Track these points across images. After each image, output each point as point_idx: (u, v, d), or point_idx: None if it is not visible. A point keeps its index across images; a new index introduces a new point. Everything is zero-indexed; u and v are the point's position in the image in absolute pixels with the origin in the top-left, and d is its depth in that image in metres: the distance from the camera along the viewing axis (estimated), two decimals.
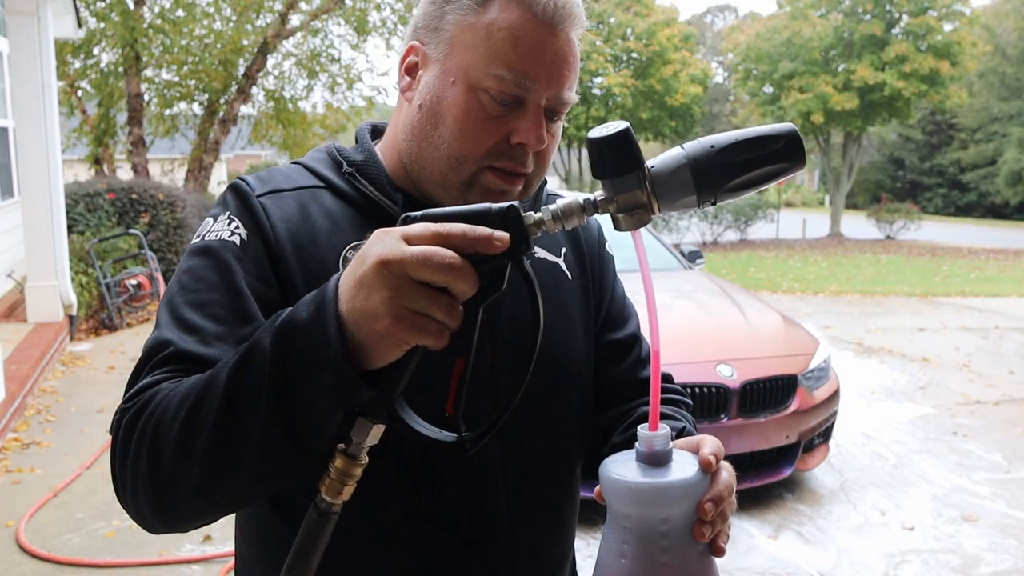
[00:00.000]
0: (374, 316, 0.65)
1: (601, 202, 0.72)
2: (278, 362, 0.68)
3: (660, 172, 0.71)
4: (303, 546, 0.72)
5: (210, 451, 0.71)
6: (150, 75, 14.35)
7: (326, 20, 14.88)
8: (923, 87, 21.03)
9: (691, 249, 6.16)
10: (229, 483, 0.73)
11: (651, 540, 0.73)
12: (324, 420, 0.69)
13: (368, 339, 0.66)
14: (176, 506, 0.76)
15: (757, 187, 0.74)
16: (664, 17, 23.52)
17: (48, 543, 3.54)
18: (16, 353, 5.90)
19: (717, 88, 47.42)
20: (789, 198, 38.18)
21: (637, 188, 0.71)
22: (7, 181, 7.69)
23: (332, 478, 0.71)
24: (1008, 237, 23.75)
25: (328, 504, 0.72)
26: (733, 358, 4.03)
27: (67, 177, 9.20)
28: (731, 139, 0.72)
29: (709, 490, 0.75)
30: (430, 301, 0.65)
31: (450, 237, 0.66)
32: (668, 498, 0.73)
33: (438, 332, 0.66)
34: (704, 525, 0.74)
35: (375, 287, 0.65)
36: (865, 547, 3.73)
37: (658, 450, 0.74)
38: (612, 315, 1.11)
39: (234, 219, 0.91)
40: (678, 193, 0.71)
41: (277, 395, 0.68)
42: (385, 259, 0.64)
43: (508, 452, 0.97)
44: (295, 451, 0.70)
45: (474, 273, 0.66)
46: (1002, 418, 5.69)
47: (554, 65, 0.89)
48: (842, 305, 10.80)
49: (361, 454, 0.72)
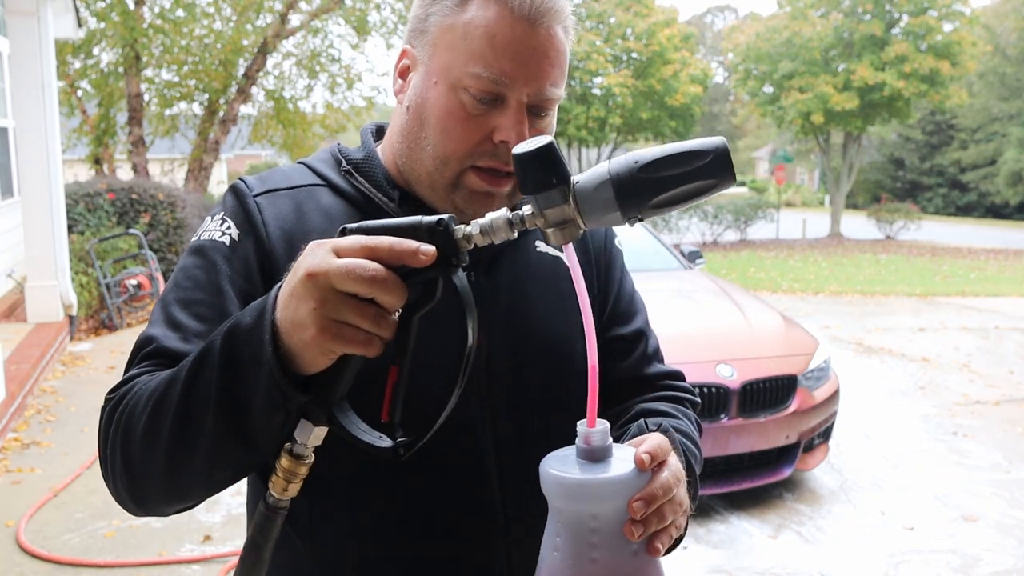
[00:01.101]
0: (301, 326, 0.67)
1: (528, 217, 0.71)
2: (223, 365, 0.72)
3: (584, 188, 0.70)
4: (255, 539, 0.75)
5: (171, 441, 0.76)
6: (150, 75, 14.35)
7: (326, 20, 14.88)
8: (923, 87, 21.02)
9: (691, 249, 6.16)
10: (189, 472, 0.78)
11: (581, 535, 0.73)
12: (265, 421, 0.72)
13: (297, 347, 0.68)
14: (147, 490, 0.81)
15: (684, 204, 0.71)
16: (664, 17, 23.48)
17: (48, 543, 3.54)
18: (16, 353, 5.90)
19: (717, 88, 47.45)
20: (789, 198, 38.19)
21: (563, 203, 0.69)
22: (7, 181, 7.68)
23: (278, 476, 0.74)
24: (1008, 237, 23.75)
25: (276, 500, 0.75)
26: (733, 358, 4.03)
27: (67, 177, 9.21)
28: (655, 155, 0.70)
29: (642, 489, 0.74)
30: (355, 312, 0.66)
31: (377, 250, 0.67)
32: (596, 495, 0.72)
33: (366, 341, 0.68)
34: (634, 524, 0.73)
35: (303, 298, 0.67)
36: (865, 547, 3.73)
37: (595, 446, 0.74)
38: (618, 310, 1.10)
39: (227, 220, 0.94)
40: (602, 210, 0.70)
41: (223, 395, 0.72)
42: (311, 271, 0.67)
43: (504, 449, 0.97)
44: (242, 447, 0.74)
45: (400, 285, 0.67)
46: (1002, 418, 5.69)
47: (532, 61, 0.89)
48: (842, 305, 10.80)
49: (306, 454, 0.74)
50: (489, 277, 1.00)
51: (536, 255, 1.04)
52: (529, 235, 1.04)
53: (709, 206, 19.60)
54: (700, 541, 3.74)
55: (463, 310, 0.72)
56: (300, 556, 0.97)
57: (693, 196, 0.71)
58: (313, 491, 0.94)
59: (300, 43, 15.19)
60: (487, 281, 0.99)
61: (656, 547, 0.74)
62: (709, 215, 19.45)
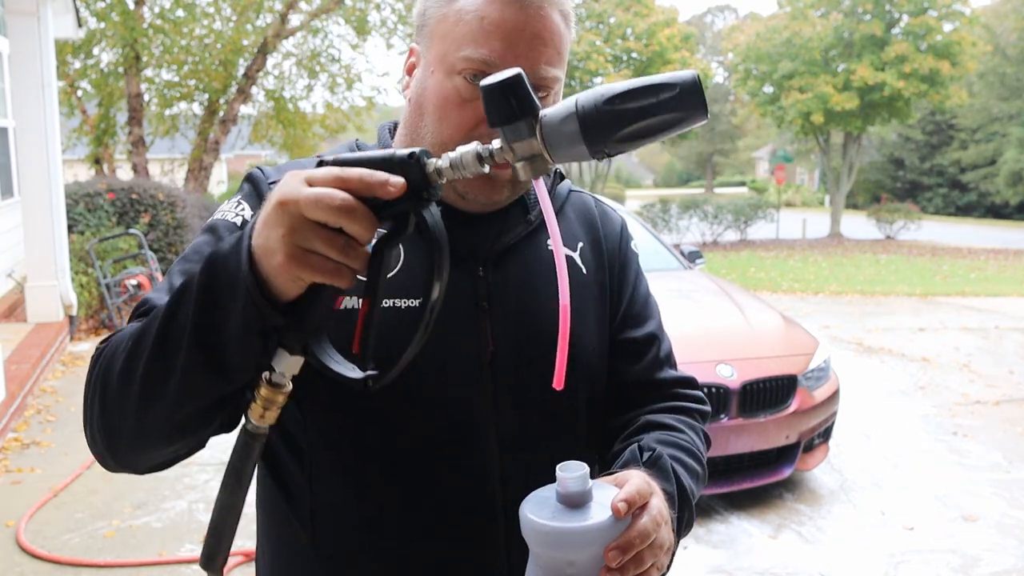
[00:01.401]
0: (271, 252, 0.68)
1: (497, 152, 0.70)
2: (202, 288, 0.73)
3: (550, 121, 0.68)
4: (235, 464, 0.77)
5: (146, 372, 0.76)
6: (150, 75, 14.36)
7: (326, 20, 14.89)
8: (923, 87, 21.01)
9: (691, 249, 6.16)
10: (159, 406, 0.77)
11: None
12: (239, 344, 0.72)
13: (269, 273, 0.69)
14: (119, 431, 0.81)
15: (651, 138, 0.69)
16: (664, 17, 23.47)
17: (48, 543, 3.54)
18: (16, 353, 5.90)
19: (717, 88, 47.42)
20: (789, 198, 38.17)
21: (531, 137, 0.68)
22: (7, 181, 7.68)
23: (257, 403, 0.75)
24: (1008, 237, 23.75)
25: (255, 426, 0.76)
26: (733, 358, 4.03)
27: (67, 177, 9.20)
28: (622, 87, 0.68)
29: (619, 537, 0.74)
30: (323, 241, 0.67)
31: (348, 181, 0.67)
32: (572, 543, 0.72)
33: (335, 271, 0.68)
34: (611, 573, 0.73)
35: (273, 225, 0.68)
36: (865, 547, 3.73)
37: (572, 492, 0.73)
38: (631, 313, 1.09)
39: (242, 203, 0.97)
40: (568, 143, 0.68)
41: (200, 319, 0.73)
42: (283, 199, 0.67)
43: (507, 447, 0.97)
44: (214, 374, 0.74)
45: (369, 216, 0.67)
46: (1002, 418, 5.69)
47: (522, 41, 0.89)
48: (842, 305, 10.80)
49: (284, 382, 0.75)
50: (498, 272, 0.99)
51: (548, 253, 1.03)
52: (542, 232, 1.04)
53: (709, 206, 19.58)
54: (700, 541, 3.74)
55: (430, 252, 0.72)
56: (304, 549, 0.98)
57: (660, 130, 0.68)
58: (317, 485, 0.96)
59: (300, 43, 15.20)
60: (496, 276, 0.99)
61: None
62: (709, 215, 19.44)
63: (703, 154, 54.95)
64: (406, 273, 0.95)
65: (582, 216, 1.10)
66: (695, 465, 1.00)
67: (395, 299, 0.94)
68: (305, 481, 0.97)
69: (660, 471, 0.91)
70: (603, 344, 1.06)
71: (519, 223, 1.03)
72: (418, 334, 0.73)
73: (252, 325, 0.71)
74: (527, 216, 1.04)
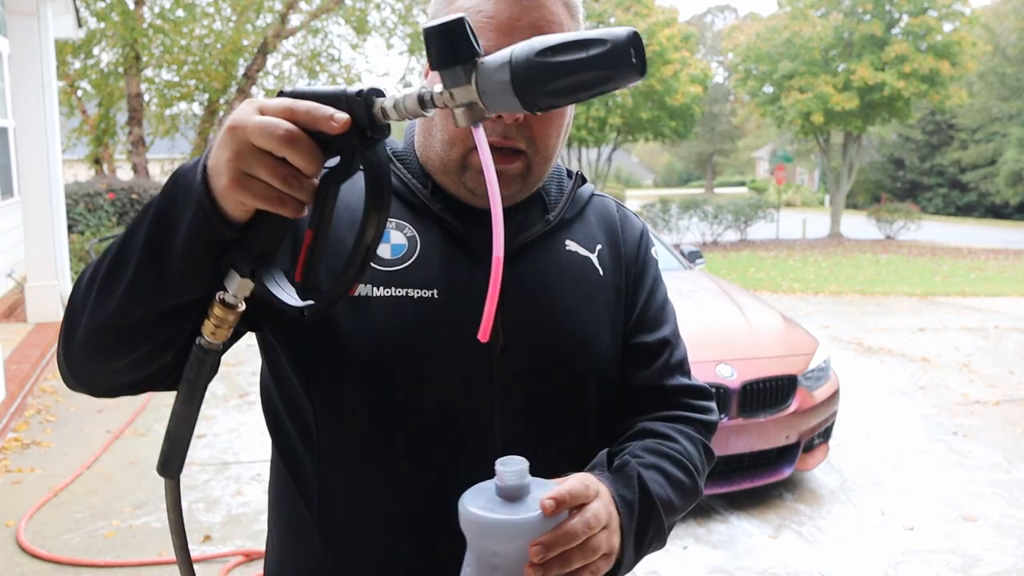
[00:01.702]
0: (218, 173, 0.71)
1: (437, 95, 0.70)
2: (161, 199, 0.77)
3: (485, 69, 0.68)
4: (187, 377, 0.80)
5: (103, 278, 0.80)
6: (150, 75, 14.37)
7: (326, 20, 14.89)
8: (923, 87, 21.00)
9: (691, 249, 6.16)
10: (108, 311, 0.80)
11: (484, 569, 0.74)
12: (183, 250, 0.74)
13: (217, 194, 0.71)
14: (74, 339, 0.84)
15: (581, 94, 0.67)
16: (664, 17, 23.45)
17: (48, 543, 3.54)
18: (16, 353, 5.90)
19: (717, 88, 47.42)
20: (789, 198, 38.17)
21: (467, 83, 0.68)
22: (7, 181, 7.69)
23: (209, 320, 0.78)
24: (1008, 237, 23.75)
25: (207, 342, 0.79)
26: (733, 358, 4.03)
27: (67, 177, 9.21)
28: (554, 40, 0.66)
29: (546, 533, 0.74)
30: (267, 169, 0.68)
31: (296, 112, 0.69)
32: (497, 534, 0.73)
33: (278, 200, 0.70)
34: (533, 567, 0.73)
35: (223, 148, 0.70)
36: (865, 547, 3.73)
37: (509, 485, 0.74)
38: (645, 318, 1.09)
39: None
40: (499, 93, 0.67)
41: (154, 225, 0.76)
42: (233, 124, 0.70)
43: (513, 444, 0.96)
44: (158, 279, 0.76)
45: (313, 149, 0.68)
46: (1002, 418, 5.69)
47: (518, 34, 0.89)
48: (842, 305, 10.80)
49: (235, 303, 0.77)
50: (513, 268, 1.00)
51: (567, 253, 1.04)
52: (560, 232, 1.05)
53: (709, 206, 19.58)
54: (700, 541, 3.74)
55: (370, 189, 0.72)
56: (309, 532, 0.99)
57: (590, 87, 0.66)
58: (324, 468, 0.98)
59: (300, 43, 15.21)
60: (511, 271, 0.99)
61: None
62: (709, 215, 19.44)
63: (703, 154, 54.95)
64: (420, 264, 0.97)
65: (602, 220, 1.11)
66: (680, 476, 0.99)
67: (408, 289, 0.95)
68: (313, 465, 0.98)
69: (624, 478, 0.90)
70: (616, 347, 1.06)
71: (538, 222, 1.04)
72: (349, 270, 0.74)
73: (199, 234, 0.73)
74: (546, 216, 1.05)
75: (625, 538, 0.86)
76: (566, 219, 1.07)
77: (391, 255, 0.97)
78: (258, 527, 3.73)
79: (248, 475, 4.35)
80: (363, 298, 0.94)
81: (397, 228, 0.99)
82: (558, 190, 1.08)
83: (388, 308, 0.94)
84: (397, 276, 0.96)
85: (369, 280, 0.95)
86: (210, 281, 0.77)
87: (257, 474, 4.36)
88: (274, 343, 0.99)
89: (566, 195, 1.07)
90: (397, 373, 0.94)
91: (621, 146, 27.26)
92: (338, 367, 0.95)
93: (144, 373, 0.86)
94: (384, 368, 0.94)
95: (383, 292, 0.95)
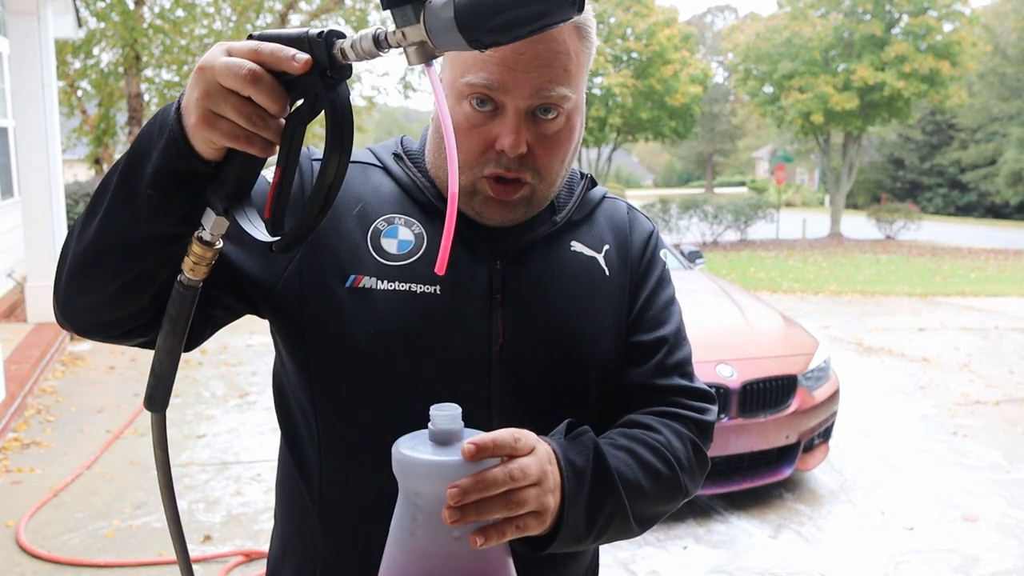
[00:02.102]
0: (189, 112, 0.73)
1: (391, 35, 0.71)
2: (142, 133, 0.80)
3: (432, 8, 0.69)
4: (169, 312, 0.84)
5: (86, 212, 0.84)
6: (150, 75, 14.36)
7: (326, 20, 14.89)
8: (923, 87, 21.01)
9: (691, 249, 6.16)
10: (86, 241, 0.83)
11: (407, 509, 0.76)
12: (153, 179, 0.77)
13: (189, 131, 0.74)
14: (61, 273, 0.87)
15: (519, 30, 0.68)
16: (664, 17, 23.46)
17: (48, 543, 3.54)
18: (16, 353, 5.90)
19: (717, 88, 47.41)
20: (789, 198, 38.18)
21: (416, 22, 0.69)
22: (7, 181, 7.69)
23: (189, 257, 0.81)
24: (1008, 237, 23.76)
25: (187, 278, 0.82)
26: (733, 358, 4.03)
27: (67, 177, 9.22)
28: None
29: (465, 478, 0.74)
30: (232, 108, 0.71)
31: (260, 53, 0.71)
32: (416, 474, 0.75)
33: (246, 138, 0.72)
34: (451, 510, 0.73)
35: (193, 87, 0.73)
36: (865, 547, 3.73)
37: (440, 429, 0.76)
38: (645, 317, 1.08)
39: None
40: (445, 30, 0.69)
41: (131, 158, 0.79)
42: (202, 64, 0.72)
43: None
44: (129, 207, 0.79)
45: (276, 88, 0.71)
46: (1002, 418, 5.69)
47: (521, 65, 0.90)
48: (842, 305, 10.80)
49: (212, 240, 0.80)
50: (516, 267, 1.00)
51: (572, 253, 1.05)
52: (566, 233, 1.06)
53: (709, 206, 19.59)
54: (700, 541, 3.74)
55: (330, 127, 0.74)
56: (311, 521, 1.02)
57: (527, 22, 0.68)
58: (325, 458, 1.00)
59: None
60: (513, 270, 1.00)
61: (473, 539, 0.74)
62: (709, 215, 19.44)
63: (703, 154, 54.97)
64: (425, 261, 0.98)
65: (611, 221, 1.11)
66: (655, 463, 0.96)
67: (411, 283, 0.96)
68: (315, 452, 1.00)
69: (578, 446, 0.89)
70: (619, 347, 1.06)
71: (545, 223, 1.04)
72: (311, 208, 0.75)
73: (169, 163, 0.75)
74: (553, 217, 1.05)
75: (569, 503, 0.84)
76: (573, 220, 1.07)
77: (398, 250, 0.98)
78: (258, 527, 3.73)
79: (248, 475, 4.35)
80: (366, 290, 0.96)
81: (405, 225, 1.00)
82: (567, 192, 1.09)
83: (390, 301, 0.96)
84: (402, 271, 0.97)
85: (374, 273, 0.96)
86: (182, 217, 0.79)
87: (257, 474, 4.36)
88: (275, 329, 1.01)
89: (575, 197, 1.08)
90: (396, 365, 0.96)
91: (621, 146, 27.27)
92: (337, 356, 0.97)
93: (123, 311, 0.88)
94: (383, 360, 0.95)
95: (386, 286, 0.96)
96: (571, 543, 0.87)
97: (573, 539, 0.87)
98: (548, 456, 0.84)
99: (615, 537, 0.95)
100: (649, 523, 0.98)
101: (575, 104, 0.95)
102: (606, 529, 0.91)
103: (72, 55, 13.73)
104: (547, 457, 0.83)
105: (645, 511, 0.95)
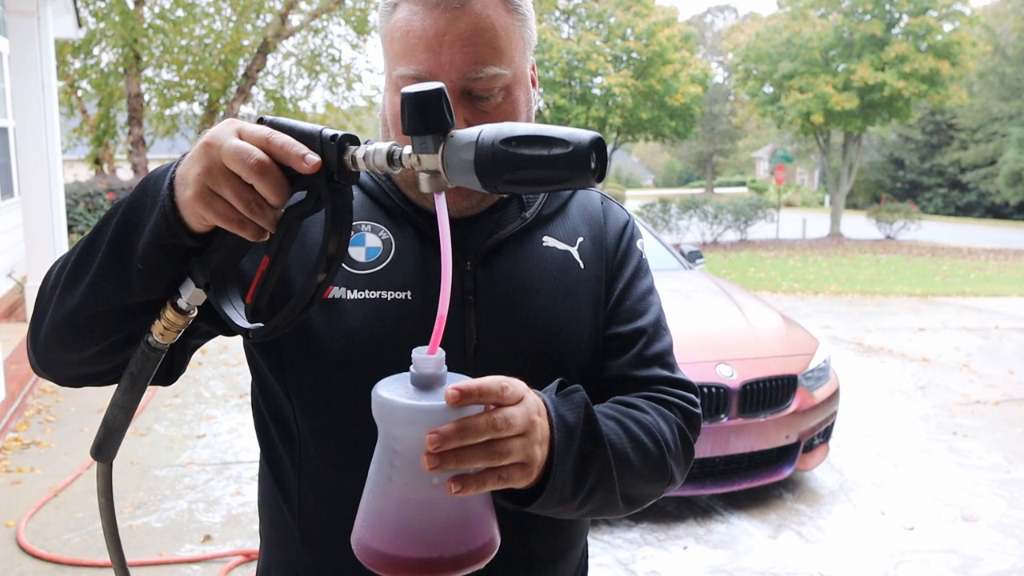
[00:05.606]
0: (186, 184, 0.73)
1: (406, 157, 0.71)
2: (132, 197, 0.80)
3: (453, 144, 0.69)
4: (131, 370, 0.83)
5: (69, 271, 0.82)
6: (150, 75, 14.37)
7: (326, 20, 14.89)
8: (923, 87, 21.01)
9: (691, 249, 6.16)
10: (70, 304, 0.82)
11: (387, 454, 0.75)
12: (145, 252, 0.76)
13: (180, 202, 0.74)
14: (40, 328, 0.86)
15: (535, 188, 0.68)
16: (664, 17, 23.45)
17: (48, 543, 3.54)
18: (16, 353, 5.90)
19: (717, 88, 47.40)
20: (789, 198, 38.17)
21: (435, 152, 0.69)
22: (7, 181, 7.69)
23: (160, 321, 0.81)
24: (1008, 237, 23.75)
25: (155, 341, 0.81)
26: (733, 358, 4.03)
27: (67, 177, 9.22)
28: (522, 130, 0.67)
29: (447, 424, 0.71)
30: (232, 191, 0.70)
31: (271, 144, 0.70)
32: (395, 418, 0.73)
33: (239, 222, 0.72)
34: (429, 456, 0.70)
35: (195, 161, 0.72)
36: (865, 547, 3.73)
37: (422, 372, 0.74)
38: (622, 308, 1.06)
39: None
40: (462, 171, 0.69)
41: (120, 225, 0.79)
42: (209, 140, 0.72)
43: None
44: (119, 277, 0.78)
45: (281, 181, 0.70)
46: (1002, 418, 5.69)
47: (445, 47, 0.89)
48: (842, 305, 10.80)
49: (187, 309, 0.80)
50: (486, 267, 0.99)
51: (544, 249, 1.03)
52: (537, 229, 1.04)
53: (709, 206, 19.59)
54: (700, 541, 3.74)
55: (328, 226, 0.74)
56: (292, 537, 1.02)
57: (545, 184, 0.68)
58: (304, 472, 1.00)
59: (300, 43, 15.21)
60: (483, 271, 0.99)
61: (449, 487, 0.72)
62: (709, 215, 19.44)
63: (703, 154, 54.95)
64: (395, 267, 0.97)
65: (585, 212, 1.09)
66: (643, 438, 0.94)
67: (381, 291, 0.96)
68: (293, 466, 1.00)
69: (569, 402, 0.86)
70: (597, 341, 1.04)
71: (513, 220, 1.03)
72: (297, 304, 0.75)
73: (160, 238, 0.75)
74: (522, 213, 1.04)
75: (558, 456, 0.81)
76: (544, 215, 1.05)
77: (366, 258, 0.97)
78: (258, 527, 3.73)
79: (248, 475, 4.35)
80: (336, 300, 0.95)
81: (372, 231, 0.99)
82: None
83: (361, 310, 0.95)
84: (371, 279, 0.96)
85: (343, 283, 0.96)
86: (169, 285, 0.79)
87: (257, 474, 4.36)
88: (250, 346, 1.00)
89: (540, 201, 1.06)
90: (369, 374, 0.92)
91: (621, 146, 27.27)
92: (312, 369, 0.96)
93: (105, 367, 0.87)
94: (356, 369, 0.94)
95: (356, 295, 0.95)
96: (557, 502, 0.84)
97: (560, 498, 0.84)
98: (538, 407, 0.80)
99: (601, 509, 0.91)
100: (635, 503, 0.95)
101: (513, 78, 0.93)
102: (593, 494, 0.88)
103: (72, 55, 13.73)
104: (536, 408, 0.80)
105: (631, 485, 0.93)
